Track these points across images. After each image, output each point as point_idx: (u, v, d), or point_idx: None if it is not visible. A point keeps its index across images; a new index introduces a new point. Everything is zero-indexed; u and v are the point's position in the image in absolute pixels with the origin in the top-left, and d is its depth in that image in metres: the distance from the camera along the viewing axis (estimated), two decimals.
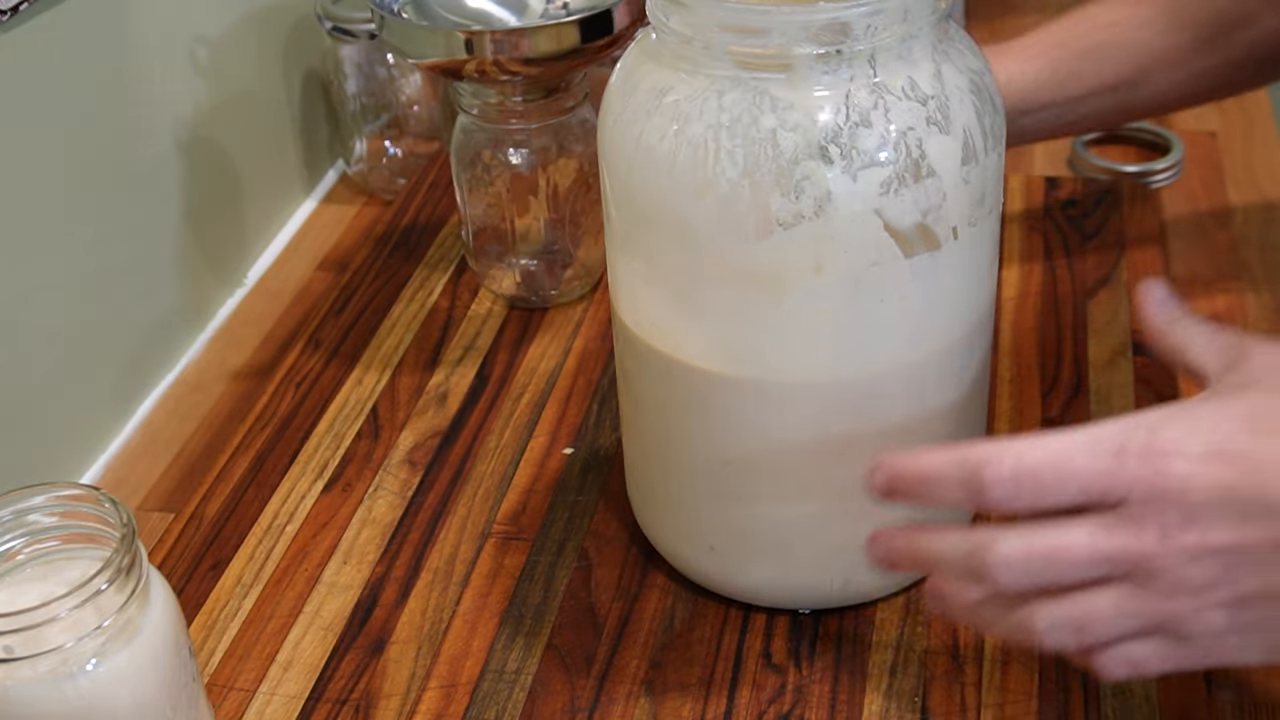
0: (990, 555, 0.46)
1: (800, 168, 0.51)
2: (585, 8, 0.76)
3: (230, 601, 0.65)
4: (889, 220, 0.52)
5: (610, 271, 0.61)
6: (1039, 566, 0.45)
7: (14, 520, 0.51)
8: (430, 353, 0.80)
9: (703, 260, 0.54)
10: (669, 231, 0.54)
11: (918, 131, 0.51)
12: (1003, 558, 0.45)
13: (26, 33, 0.70)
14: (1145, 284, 0.53)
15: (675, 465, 0.61)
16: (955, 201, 0.53)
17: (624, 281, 0.59)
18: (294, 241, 0.96)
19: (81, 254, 0.76)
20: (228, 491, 0.72)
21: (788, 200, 0.51)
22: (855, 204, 0.51)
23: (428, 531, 0.68)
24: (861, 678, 0.60)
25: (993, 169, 0.54)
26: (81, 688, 0.49)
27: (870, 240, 0.52)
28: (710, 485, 0.60)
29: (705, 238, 0.53)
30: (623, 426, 0.66)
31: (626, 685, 0.60)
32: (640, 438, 0.63)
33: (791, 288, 0.53)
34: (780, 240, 0.52)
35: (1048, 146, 0.99)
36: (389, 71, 0.95)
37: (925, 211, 0.52)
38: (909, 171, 0.51)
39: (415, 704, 0.60)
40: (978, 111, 0.53)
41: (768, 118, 0.51)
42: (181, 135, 0.84)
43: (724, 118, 0.52)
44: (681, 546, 0.63)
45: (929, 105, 0.52)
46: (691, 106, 0.52)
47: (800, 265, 0.52)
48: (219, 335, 0.88)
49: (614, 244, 0.59)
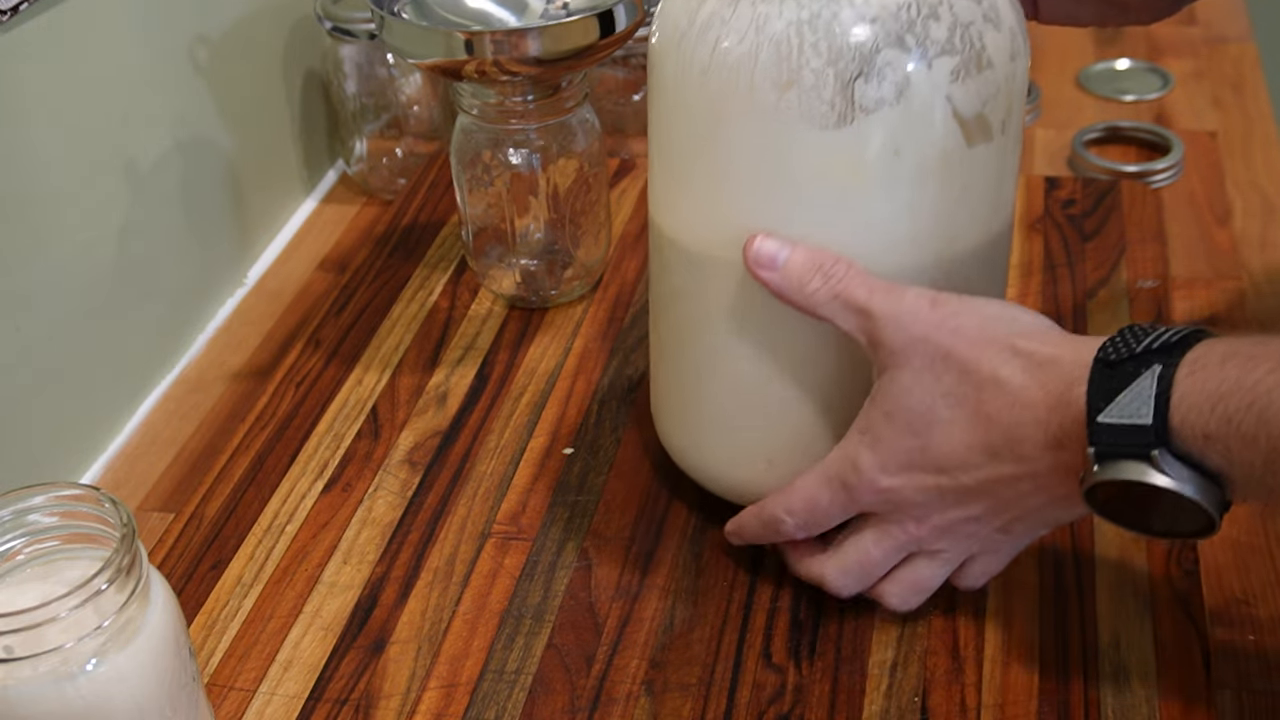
0: (829, 585, 0.61)
1: (882, 55, 0.55)
2: (585, 8, 0.76)
3: (230, 601, 0.65)
4: (957, 107, 0.56)
5: (663, 195, 0.63)
6: (856, 576, 0.60)
7: (14, 520, 0.51)
8: (430, 353, 0.80)
9: (787, 152, 0.57)
10: (750, 131, 0.57)
11: (977, 26, 0.56)
12: (837, 587, 0.61)
13: (26, 33, 0.70)
14: (752, 250, 0.58)
15: (733, 382, 0.62)
16: (1005, 94, 0.57)
17: (683, 199, 0.61)
18: (294, 241, 0.96)
19: (81, 254, 0.76)
20: (228, 491, 0.72)
21: (871, 86, 0.55)
22: (930, 90, 0.55)
23: (428, 531, 0.68)
24: (861, 678, 0.60)
25: (1023, 71, 0.59)
26: (81, 688, 0.49)
27: (941, 125, 0.56)
28: (771, 396, 0.62)
29: (790, 129, 0.56)
30: (660, 359, 0.67)
31: (626, 685, 0.60)
32: (688, 364, 0.64)
33: (872, 172, 0.56)
34: (863, 125, 0.55)
35: (1048, 146, 0.99)
36: (389, 71, 0.95)
37: (984, 101, 0.57)
38: (973, 62, 0.56)
39: (415, 704, 0.60)
40: (1017, 14, 0.58)
41: (846, 11, 0.55)
42: (181, 135, 0.84)
43: (804, 14, 0.55)
44: (733, 469, 0.65)
45: (983, 3, 0.56)
46: (769, 8, 0.56)
47: (882, 148, 0.56)
48: (219, 335, 0.88)
49: (674, 162, 0.61)
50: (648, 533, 0.67)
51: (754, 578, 0.65)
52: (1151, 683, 0.58)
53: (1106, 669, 0.59)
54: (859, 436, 0.58)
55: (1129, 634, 0.61)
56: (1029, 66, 0.60)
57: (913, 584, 0.60)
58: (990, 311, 0.56)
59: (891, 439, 0.57)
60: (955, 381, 0.55)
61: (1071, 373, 0.52)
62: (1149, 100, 1.04)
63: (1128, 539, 0.65)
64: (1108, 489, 0.51)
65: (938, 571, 0.60)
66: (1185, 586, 0.63)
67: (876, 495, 0.58)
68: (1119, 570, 0.64)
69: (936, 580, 0.60)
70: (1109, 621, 0.61)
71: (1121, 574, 0.63)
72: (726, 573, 0.65)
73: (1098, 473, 0.51)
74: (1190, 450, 0.49)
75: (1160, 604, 0.62)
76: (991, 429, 0.54)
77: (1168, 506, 0.50)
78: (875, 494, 0.58)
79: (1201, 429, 0.49)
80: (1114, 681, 0.59)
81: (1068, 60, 1.09)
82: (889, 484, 0.57)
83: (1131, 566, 0.64)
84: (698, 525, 0.68)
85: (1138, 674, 0.59)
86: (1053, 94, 1.05)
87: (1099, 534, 0.65)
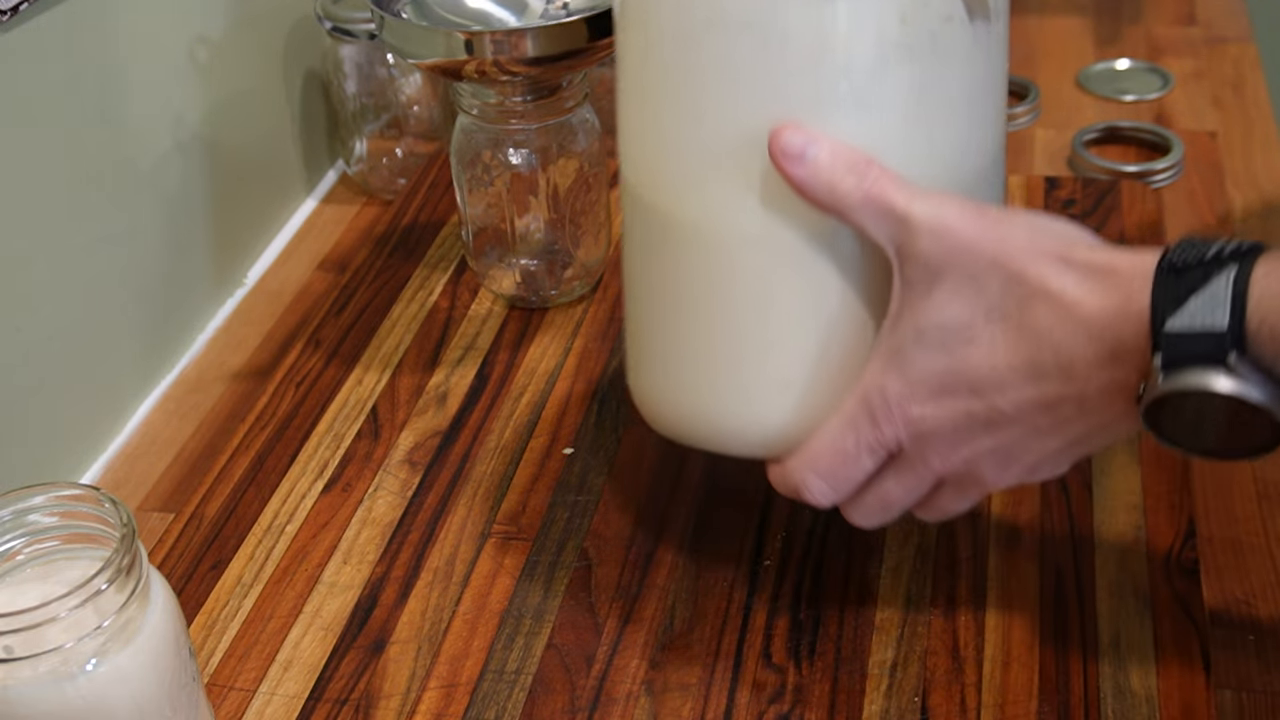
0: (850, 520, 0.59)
1: None
2: (585, 8, 0.76)
3: (230, 601, 0.65)
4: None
5: (637, 138, 0.60)
6: (878, 514, 0.58)
7: (14, 520, 0.51)
8: (430, 353, 0.80)
9: (785, 48, 0.53)
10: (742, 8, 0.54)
11: None
12: (857, 523, 0.59)
13: (26, 33, 0.70)
14: (780, 141, 0.54)
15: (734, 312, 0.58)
16: None
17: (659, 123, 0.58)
18: (294, 241, 0.96)
19: (81, 254, 0.76)
20: (228, 492, 0.72)
21: None
22: None
23: (428, 531, 0.68)
24: (861, 678, 0.60)
25: None
26: (81, 688, 0.48)
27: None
28: (777, 317, 0.58)
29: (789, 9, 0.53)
30: (640, 317, 0.62)
31: (626, 685, 0.60)
32: (683, 312, 0.60)
33: (875, 43, 0.53)
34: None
35: (1048, 146, 0.99)
36: (389, 71, 0.95)
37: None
38: None
39: (415, 704, 0.60)
40: None
41: None
42: (181, 135, 0.84)
43: None
44: (748, 406, 0.59)
45: None
46: None
47: (888, 15, 0.53)
48: (219, 335, 0.88)
49: (655, 90, 0.58)
50: (648, 533, 0.67)
51: (754, 578, 0.65)
52: (1151, 683, 0.58)
53: (1106, 669, 0.59)
54: (883, 363, 0.54)
55: (1129, 634, 0.61)
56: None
57: (938, 509, 0.58)
58: (1039, 223, 0.52)
59: (923, 360, 0.52)
60: (1000, 294, 0.51)
61: (1131, 282, 0.49)
62: (1149, 100, 1.04)
63: (1128, 539, 0.65)
64: (1170, 403, 0.48)
65: (958, 503, 0.57)
66: (1185, 586, 0.63)
67: (906, 426, 0.54)
68: (1119, 570, 0.64)
69: (957, 508, 0.58)
70: (1109, 621, 0.61)
71: (1121, 574, 0.63)
72: (726, 573, 0.65)
73: (1163, 384, 0.47)
74: (1266, 354, 0.46)
75: (1160, 604, 0.62)
76: (1039, 345, 0.50)
77: (1233, 418, 0.48)
78: (905, 424, 0.54)
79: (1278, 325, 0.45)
80: (1114, 681, 0.59)
81: (1068, 60, 1.09)
82: (919, 412, 0.53)
83: (1131, 566, 0.64)
84: (698, 525, 0.68)
85: (1138, 674, 0.59)
86: (1053, 94, 1.05)
87: (1099, 534, 0.65)
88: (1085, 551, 0.65)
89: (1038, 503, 0.67)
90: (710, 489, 0.69)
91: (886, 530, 0.66)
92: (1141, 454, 0.69)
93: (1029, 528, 0.66)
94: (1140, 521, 0.66)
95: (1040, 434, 0.53)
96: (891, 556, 0.65)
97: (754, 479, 0.70)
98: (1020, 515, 0.67)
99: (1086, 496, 0.67)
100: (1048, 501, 0.67)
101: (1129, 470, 0.68)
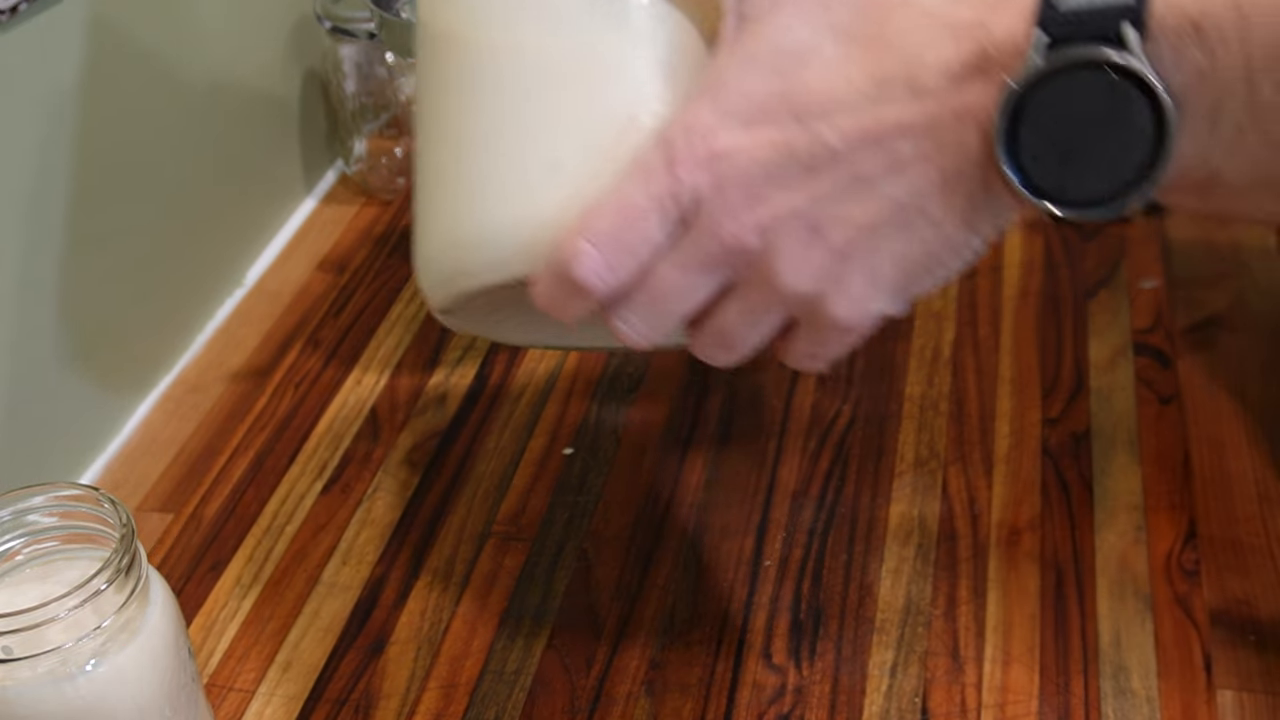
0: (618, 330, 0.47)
1: None
2: None
3: (230, 602, 0.65)
4: None
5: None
6: (659, 316, 0.47)
7: (13, 520, 0.51)
8: (430, 353, 0.80)
9: None
10: None
11: None
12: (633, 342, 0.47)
13: (26, 33, 0.70)
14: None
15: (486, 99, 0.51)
16: None
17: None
18: (293, 242, 0.96)
19: (80, 254, 0.76)
20: (227, 492, 0.72)
21: None
22: None
23: (427, 532, 0.68)
24: (861, 678, 0.59)
25: None
26: (81, 688, 0.48)
27: None
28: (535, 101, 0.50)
29: None
30: (420, 169, 0.54)
31: (626, 685, 0.60)
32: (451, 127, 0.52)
33: None
34: None
35: None
36: (389, 71, 0.95)
37: None
38: None
39: (415, 704, 0.60)
40: None
41: None
42: (181, 135, 0.84)
43: None
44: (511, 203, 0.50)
45: None
46: None
47: None
48: (218, 335, 0.87)
49: None
50: (648, 533, 0.67)
51: (754, 578, 0.65)
52: (1151, 683, 0.58)
53: (1106, 669, 0.59)
54: (694, 100, 0.45)
55: (1129, 634, 0.61)
56: None
57: (717, 332, 0.47)
58: None
59: (747, 84, 0.44)
60: (852, 12, 0.44)
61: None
62: None
63: (1128, 540, 0.65)
64: (1036, 101, 0.41)
65: (750, 312, 0.46)
66: (1185, 586, 0.63)
67: (707, 167, 0.44)
68: (1119, 570, 0.64)
69: (747, 329, 0.47)
70: (1109, 621, 0.61)
71: (1121, 574, 0.63)
72: (727, 572, 0.65)
73: (1042, 62, 0.40)
74: (1168, 45, 0.40)
75: (1160, 604, 0.62)
76: (887, 54, 0.43)
77: (1111, 117, 0.41)
78: (707, 163, 0.44)
79: (1191, 12, 0.39)
80: (1114, 681, 0.59)
81: None
82: (726, 143, 0.44)
83: (1131, 566, 0.64)
84: (698, 525, 0.68)
85: (1138, 674, 0.59)
86: None
87: (1099, 534, 0.65)
88: (1085, 551, 0.65)
89: (1038, 503, 0.67)
90: (710, 489, 0.69)
91: (887, 530, 0.66)
92: (1142, 454, 0.69)
93: (1029, 528, 0.66)
94: (1140, 521, 0.66)
95: (861, 190, 0.44)
96: (892, 557, 0.65)
97: (754, 479, 0.70)
98: (1020, 515, 0.67)
99: (1087, 496, 0.67)
100: (1048, 501, 0.67)
101: (1129, 470, 0.68)
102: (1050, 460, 0.70)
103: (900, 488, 0.69)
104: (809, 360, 0.49)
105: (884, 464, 0.70)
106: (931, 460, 0.70)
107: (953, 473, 0.69)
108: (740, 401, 0.75)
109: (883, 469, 0.70)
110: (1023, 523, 0.66)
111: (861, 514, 0.67)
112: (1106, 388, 0.74)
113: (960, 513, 0.67)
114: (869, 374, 0.76)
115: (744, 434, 0.73)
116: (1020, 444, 0.70)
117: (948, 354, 0.77)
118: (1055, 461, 0.69)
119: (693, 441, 0.72)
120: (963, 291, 0.81)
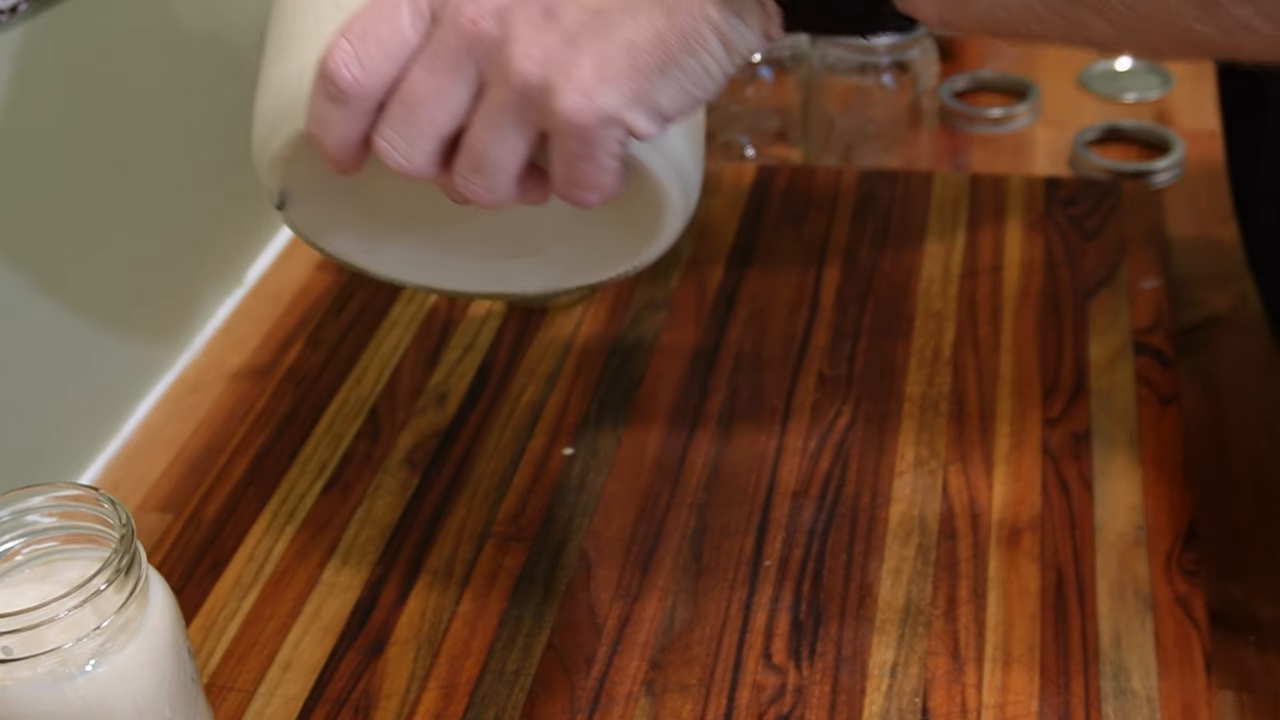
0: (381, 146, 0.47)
1: None
2: None
3: (229, 602, 0.65)
4: None
5: None
6: (406, 131, 0.47)
7: (13, 520, 0.51)
8: (430, 353, 0.80)
9: None
10: None
11: None
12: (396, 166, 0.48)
13: (26, 33, 0.70)
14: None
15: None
16: None
17: None
18: (293, 242, 0.95)
19: (81, 254, 0.76)
20: (227, 492, 0.72)
21: None
22: None
23: (427, 532, 0.68)
24: (862, 678, 0.59)
25: None
26: (81, 688, 0.48)
27: None
28: None
29: None
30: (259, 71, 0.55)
31: (626, 685, 0.60)
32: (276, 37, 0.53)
33: None
34: None
35: (1048, 146, 0.99)
36: None
37: None
38: None
39: (415, 704, 0.60)
40: None
41: None
42: (180, 134, 0.84)
43: None
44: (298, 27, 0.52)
45: None
46: None
47: None
48: (218, 335, 0.87)
49: None
50: (648, 533, 0.67)
51: (754, 578, 0.65)
52: (1152, 683, 0.58)
53: (1107, 669, 0.59)
54: None
55: (1129, 634, 0.61)
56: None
57: (469, 152, 0.47)
58: None
59: None
60: None
61: None
62: (1149, 100, 1.04)
63: (1128, 539, 0.65)
64: None
65: (494, 119, 0.46)
66: (1185, 587, 0.63)
67: None
68: (1119, 570, 0.64)
69: (497, 147, 0.47)
70: (1109, 621, 0.61)
71: (1121, 574, 0.63)
72: (726, 573, 0.65)
73: None
74: None
75: (1160, 604, 0.62)
76: None
77: None
78: None
79: None
80: (1114, 681, 0.59)
81: (1068, 60, 1.09)
82: None
83: (1131, 566, 0.64)
84: (698, 525, 0.68)
85: (1138, 674, 0.59)
86: (1053, 94, 1.05)
87: (1099, 534, 0.65)
88: (1085, 551, 0.65)
89: (1038, 503, 0.67)
90: (710, 489, 0.69)
91: (887, 530, 0.66)
92: (1142, 454, 0.69)
93: (1029, 528, 0.66)
94: (1140, 521, 0.66)
95: None
96: (892, 556, 0.65)
97: (754, 479, 0.70)
98: (1020, 515, 0.67)
99: (1087, 496, 0.67)
100: (1048, 501, 0.67)
101: (1129, 470, 0.68)
102: (1050, 460, 0.69)
103: (900, 488, 0.69)
104: (571, 188, 0.48)
105: (884, 464, 0.70)
106: (931, 460, 0.70)
107: (953, 473, 0.69)
108: (740, 401, 0.75)
109: (883, 469, 0.70)
110: (1023, 523, 0.66)
111: (861, 514, 0.67)
112: (1107, 388, 0.73)
113: (960, 513, 0.67)
114: (869, 374, 0.76)
115: (744, 434, 0.73)
116: (1020, 444, 0.70)
117: (948, 354, 0.77)
118: (1055, 461, 0.69)
119: (693, 441, 0.72)
120: (963, 291, 0.81)
